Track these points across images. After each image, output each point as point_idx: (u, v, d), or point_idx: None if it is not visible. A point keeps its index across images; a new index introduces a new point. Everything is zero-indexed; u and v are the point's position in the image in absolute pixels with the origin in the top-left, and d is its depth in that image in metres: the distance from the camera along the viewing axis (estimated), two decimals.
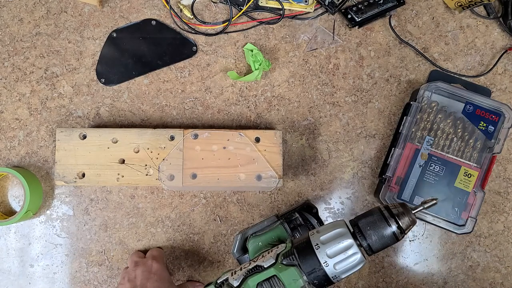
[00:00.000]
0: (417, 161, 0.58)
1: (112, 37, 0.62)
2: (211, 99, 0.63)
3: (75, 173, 0.57)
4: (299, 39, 0.63)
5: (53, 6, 0.62)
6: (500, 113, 0.58)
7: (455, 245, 0.62)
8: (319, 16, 0.63)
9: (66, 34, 0.62)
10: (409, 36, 0.64)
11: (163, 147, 0.57)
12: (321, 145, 0.63)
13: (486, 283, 0.61)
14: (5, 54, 0.62)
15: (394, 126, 0.63)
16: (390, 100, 0.63)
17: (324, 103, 0.63)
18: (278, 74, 0.63)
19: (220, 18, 0.63)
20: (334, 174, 0.62)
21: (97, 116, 0.62)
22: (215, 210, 0.62)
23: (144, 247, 0.61)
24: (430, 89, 0.58)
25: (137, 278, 0.52)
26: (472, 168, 0.58)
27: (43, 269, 0.60)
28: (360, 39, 0.64)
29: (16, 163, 0.61)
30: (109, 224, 0.61)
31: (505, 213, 0.62)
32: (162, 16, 0.63)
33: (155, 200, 0.61)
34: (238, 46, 0.63)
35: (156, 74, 0.63)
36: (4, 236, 0.60)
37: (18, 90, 0.62)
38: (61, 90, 0.62)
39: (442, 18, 0.64)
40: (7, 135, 0.61)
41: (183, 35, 0.63)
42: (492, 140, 0.58)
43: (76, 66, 0.62)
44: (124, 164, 0.57)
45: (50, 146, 0.61)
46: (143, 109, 0.62)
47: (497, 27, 0.64)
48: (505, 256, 0.62)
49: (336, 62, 0.63)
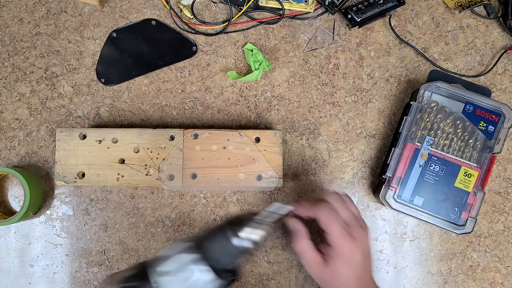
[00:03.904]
0: (417, 161, 0.58)
1: (112, 37, 0.62)
2: (211, 99, 0.63)
3: (75, 173, 0.57)
4: (299, 39, 0.63)
5: (53, 6, 0.62)
6: (500, 113, 0.58)
7: (455, 245, 0.62)
8: (319, 16, 0.63)
9: (66, 34, 0.62)
10: (409, 36, 0.64)
11: (163, 147, 0.57)
12: (321, 145, 0.63)
13: (486, 283, 0.61)
14: (5, 54, 0.62)
15: (394, 126, 0.63)
16: (390, 100, 0.63)
17: (324, 103, 0.63)
18: (278, 74, 0.63)
19: (220, 18, 0.63)
20: (334, 174, 0.62)
21: (97, 116, 0.62)
22: (215, 210, 0.62)
23: (144, 247, 0.61)
24: (430, 89, 0.58)
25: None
26: (472, 168, 0.58)
27: (43, 269, 0.60)
28: (360, 39, 0.64)
29: (16, 163, 0.61)
30: (109, 224, 0.61)
31: (505, 213, 0.62)
32: (162, 16, 0.63)
33: (155, 200, 0.61)
34: (238, 46, 0.63)
35: (156, 74, 0.63)
36: (4, 236, 0.60)
37: (18, 90, 0.62)
38: (61, 90, 0.62)
39: (442, 18, 0.64)
40: (7, 135, 0.61)
41: (183, 35, 0.63)
42: (492, 140, 0.58)
43: (76, 66, 0.62)
44: (124, 164, 0.57)
45: (50, 146, 0.61)
46: (143, 109, 0.62)
47: (497, 27, 0.64)
48: (505, 256, 0.62)
49: (336, 62, 0.63)
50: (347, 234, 0.49)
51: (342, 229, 0.49)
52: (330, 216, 0.49)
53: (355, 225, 0.50)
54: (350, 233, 0.49)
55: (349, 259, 0.49)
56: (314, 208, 0.51)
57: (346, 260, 0.49)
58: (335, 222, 0.49)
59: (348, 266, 0.49)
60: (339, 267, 0.49)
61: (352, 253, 0.49)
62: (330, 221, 0.49)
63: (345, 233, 0.49)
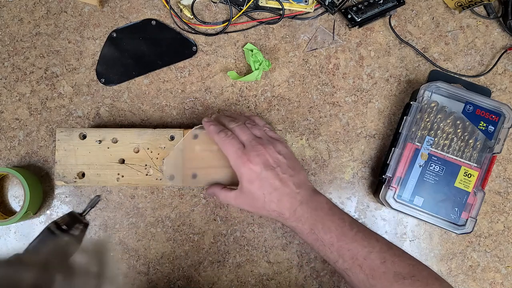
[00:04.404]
0: (417, 161, 0.58)
1: (112, 37, 0.62)
2: (211, 99, 0.63)
3: (75, 173, 0.57)
4: (299, 39, 0.63)
5: (53, 6, 0.62)
6: (500, 113, 0.58)
7: (455, 245, 0.62)
8: (319, 16, 0.63)
9: (66, 34, 0.62)
10: (409, 36, 0.64)
11: (163, 147, 0.57)
12: (321, 145, 0.63)
13: (486, 283, 0.61)
14: (5, 54, 0.62)
15: (394, 126, 0.63)
16: (390, 100, 0.63)
17: (324, 103, 0.63)
18: (278, 74, 0.63)
19: (220, 18, 0.63)
20: (334, 174, 0.62)
21: (97, 116, 0.62)
22: (215, 210, 0.62)
23: (144, 247, 0.61)
24: (430, 89, 0.58)
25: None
26: (472, 168, 0.58)
27: None
28: (360, 39, 0.64)
29: (16, 163, 0.61)
30: (109, 224, 0.61)
31: (505, 213, 0.62)
32: (162, 16, 0.63)
33: (155, 200, 0.61)
34: (238, 46, 0.63)
35: (156, 74, 0.63)
36: (4, 236, 0.60)
37: (18, 90, 0.62)
38: (61, 90, 0.62)
39: (442, 18, 0.64)
40: (7, 135, 0.61)
41: (183, 35, 0.63)
42: (492, 140, 0.58)
43: (76, 66, 0.62)
44: (124, 164, 0.57)
45: (50, 146, 0.61)
46: (143, 109, 0.62)
47: (497, 27, 0.64)
48: (505, 256, 0.62)
49: (336, 62, 0.63)
50: (242, 154, 0.50)
51: (236, 151, 0.50)
52: (225, 141, 0.52)
53: (254, 145, 0.51)
54: (245, 153, 0.50)
55: (251, 176, 0.50)
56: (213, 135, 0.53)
57: (249, 178, 0.50)
58: (230, 146, 0.51)
59: (253, 184, 0.50)
60: (249, 188, 0.50)
61: (250, 169, 0.49)
62: (226, 147, 0.52)
63: (240, 154, 0.50)
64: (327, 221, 0.49)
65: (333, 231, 0.48)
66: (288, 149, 0.53)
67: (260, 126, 0.54)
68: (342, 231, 0.48)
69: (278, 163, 0.50)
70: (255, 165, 0.49)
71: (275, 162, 0.50)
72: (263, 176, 0.49)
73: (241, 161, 0.50)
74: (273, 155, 0.50)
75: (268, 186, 0.49)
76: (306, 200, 0.50)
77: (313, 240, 0.49)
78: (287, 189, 0.49)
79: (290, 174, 0.50)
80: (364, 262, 0.47)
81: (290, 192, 0.49)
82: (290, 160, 0.51)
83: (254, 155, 0.50)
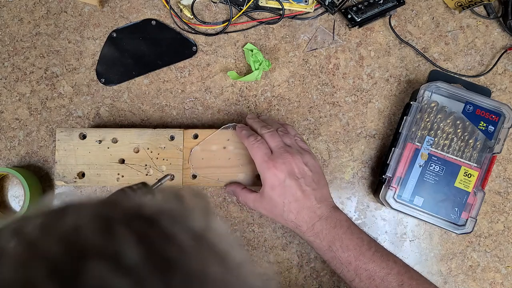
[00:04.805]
0: (417, 161, 0.58)
1: (112, 37, 0.62)
2: (211, 99, 0.63)
3: (75, 173, 0.57)
4: (299, 39, 0.63)
5: (53, 6, 0.62)
6: (500, 113, 0.58)
7: (455, 245, 0.62)
8: (319, 16, 0.63)
9: (66, 34, 0.62)
10: (409, 36, 0.64)
11: (163, 147, 0.57)
12: (321, 145, 0.63)
13: (486, 283, 0.61)
14: (5, 54, 0.62)
15: (394, 126, 0.63)
16: (390, 100, 0.63)
17: (324, 103, 0.63)
18: (278, 74, 0.63)
19: (220, 18, 0.63)
20: (334, 174, 0.62)
21: (97, 116, 0.62)
22: (215, 210, 0.61)
23: None
24: (430, 89, 0.58)
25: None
26: (472, 168, 0.58)
27: None
28: (360, 39, 0.64)
29: (16, 163, 0.61)
30: None
31: (505, 213, 0.62)
32: (162, 16, 0.63)
33: None
34: (238, 46, 0.63)
35: (156, 74, 0.63)
36: None
37: (18, 90, 0.62)
38: (61, 90, 0.62)
39: (442, 18, 0.64)
40: (7, 135, 0.61)
41: (183, 35, 0.63)
42: (492, 140, 0.58)
43: (76, 66, 0.62)
44: (124, 164, 0.57)
45: (50, 146, 0.61)
46: (143, 109, 0.62)
47: (497, 27, 0.64)
48: (505, 256, 0.62)
49: (336, 62, 0.63)
50: (268, 159, 0.50)
51: (263, 156, 0.50)
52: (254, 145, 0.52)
53: (282, 152, 0.50)
54: (271, 159, 0.50)
55: (274, 182, 0.49)
56: (244, 139, 0.53)
57: (271, 184, 0.50)
58: (257, 150, 0.51)
59: (274, 190, 0.50)
60: (270, 194, 0.50)
61: (274, 175, 0.49)
62: (254, 151, 0.52)
63: (266, 159, 0.50)
64: (345, 240, 0.49)
65: (351, 250, 0.48)
66: (316, 162, 0.52)
67: (291, 135, 0.54)
68: (360, 250, 0.48)
69: (303, 175, 0.50)
70: (280, 171, 0.49)
71: (300, 173, 0.50)
72: (286, 184, 0.49)
73: (267, 166, 0.50)
74: (299, 166, 0.50)
75: (289, 195, 0.49)
76: (326, 216, 0.49)
77: (330, 258, 0.49)
78: (308, 202, 0.49)
79: (313, 187, 0.50)
80: (381, 284, 0.47)
81: (310, 206, 0.49)
82: (316, 173, 0.51)
83: (281, 162, 0.49)
